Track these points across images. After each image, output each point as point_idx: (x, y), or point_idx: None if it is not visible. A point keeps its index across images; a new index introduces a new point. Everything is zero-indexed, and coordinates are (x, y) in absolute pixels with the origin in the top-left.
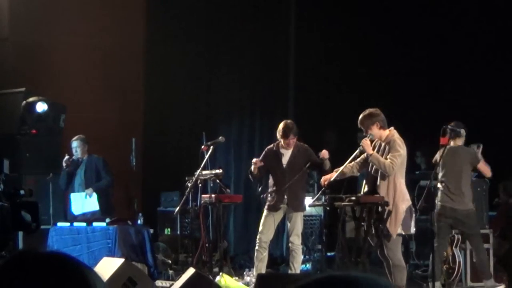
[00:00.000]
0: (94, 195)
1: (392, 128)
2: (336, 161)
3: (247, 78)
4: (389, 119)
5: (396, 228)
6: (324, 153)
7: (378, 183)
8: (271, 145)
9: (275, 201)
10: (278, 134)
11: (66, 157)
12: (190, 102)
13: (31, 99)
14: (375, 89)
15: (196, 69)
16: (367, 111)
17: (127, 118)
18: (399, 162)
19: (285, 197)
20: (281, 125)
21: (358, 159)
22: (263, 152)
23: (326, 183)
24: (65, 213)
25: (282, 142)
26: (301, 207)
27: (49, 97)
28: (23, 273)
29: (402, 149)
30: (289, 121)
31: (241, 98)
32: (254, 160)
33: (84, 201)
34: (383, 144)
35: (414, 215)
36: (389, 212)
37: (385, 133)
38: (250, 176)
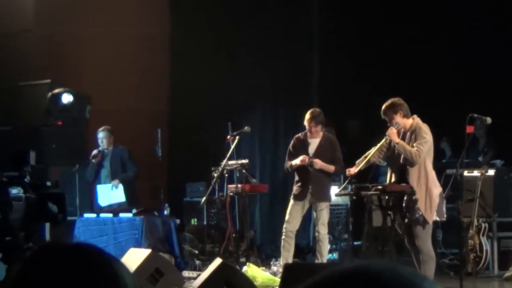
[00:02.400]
0: (120, 186)
1: (415, 115)
2: (361, 150)
3: (271, 67)
4: (413, 107)
5: (432, 214)
6: (317, 162)
7: (408, 170)
8: (299, 134)
9: (301, 191)
10: (305, 120)
11: (95, 151)
12: (215, 92)
13: (56, 91)
14: (401, 76)
15: (220, 59)
16: (389, 101)
17: (153, 109)
18: (426, 149)
19: (310, 187)
20: (308, 112)
21: (379, 146)
22: (292, 141)
23: (352, 172)
24: (91, 204)
25: (307, 129)
26: (327, 197)
27: (74, 88)
28: (50, 264)
29: (428, 135)
30: (317, 109)
31: (265, 87)
32: (306, 157)
33: (110, 193)
34: (408, 133)
35: (445, 201)
36: (416, 200)
37: (409, 121)
38: (287, 170)
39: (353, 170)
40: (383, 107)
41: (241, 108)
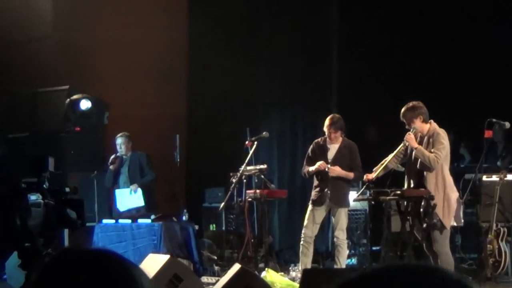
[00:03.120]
0: (139, 190)
1: (431, 121)
2: (380, 155)
3: (289, 71)
4: (432, 111)
5: (449, 219)
6: (333, 170)
7: (425, 175)
8: (319, 139)
9: (319, 196)
10: (324, 126)
11: (112, 157)
12: (233, 98)
13: (75, 97)
14: (420, 81)
15: (239, 64)
16: (410, 104)
17: (171, 115)
18: (444, 155)
19: (329, 192)
20: (328, 118)
21: (397, 152)
22: (311, 146)
23: (370, 178)
24: (110, 210)
25: (327, 135)
26: (345, 203)
27: (93, 94)
28: (69, 270)
29: (445, 140)
30: (336, 115)
31: (284, 93)
32: (324, 163)
33: (129, 197)
34: (425, 138)
35: (462, 206)
36: (435, 205)
37: (427, 126)
38: (305, 175)
39: (371, 176)
40: (404, 109)
41: (259, 113)
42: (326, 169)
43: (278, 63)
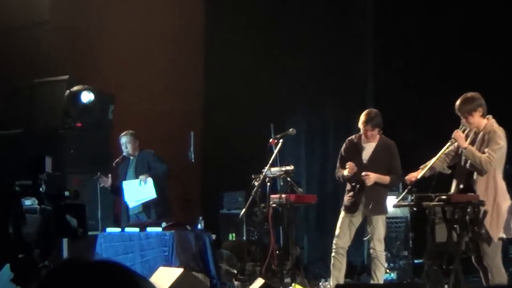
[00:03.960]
0: (150, 180)
1: (489, 116)
2: (421, 157)
3: (319, 62)
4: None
5: (498, 231)
6: (369, 178)
7: (474, 178)
8: (353, 136)
9: (353, 202)
10: (359, 122)
11: (118, 159)
12: (255, 90)
13: (75, 88)
14: (465, 76)
15: (260, 54)
16: (467, 95)
17: (185, 110)
18: (498, 157)
19: (364, 197)
20: (363, 113)
21: (447, 151)
22: (344, 144)
23: (412, 180)
24: (115, 217)
25: (362, 132)
26: (382, 209)
27: (96, 86)
28: (69, 285)
29: (502, 141)
30: (373, 110)
31: (313, 85)
32: (351, 164)
33: (138, 189)
34: (480, 134)
35: None
36: (485, 213)
37: (484, 121)
38: (338, 178)
39: (414, 176)
40: (459, 101)
41: (285, 107)
42: (362, 177)
43: (306, 52)
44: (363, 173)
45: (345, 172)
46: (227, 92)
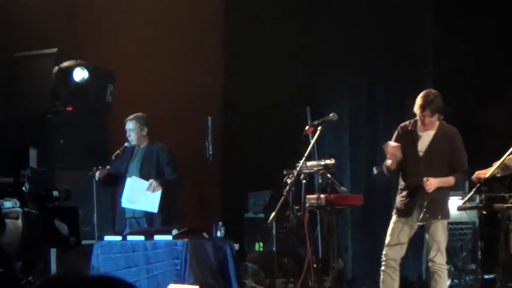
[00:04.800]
0: (159, 193)
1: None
2: (492, 152)
3: (366, 34)
4: None
5: None
6: (430, 184)
7: None
8: (407, 122)
9: (408, 203)
10: (415, 106)
11: (119, 151)
12: (287, 66)
13: (65, 64)
14: None
15: (294, 21)
16: (434, 92)
17: (200, 91)
18: None
19: (421, 198)
20: (420, 95)
21: None
22: (396, 131)
23: (480, 177)
24: (114, 222)
25: (418, 118)
26: (444, 213)
27: (91, 61)
28: None
29: None
30: (432, 91)
31: (358, 61)
32: (390, 145)
33: (142, 194)
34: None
35: None
36: None
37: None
38: (385, 171)
39: (482, 173)
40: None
41: (324, 87)
42: (423, 182)
43: (348, 19)
44: (424, 179)
45: (387, 162)
46: (251, 69)
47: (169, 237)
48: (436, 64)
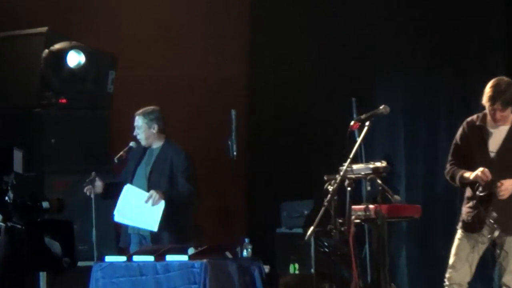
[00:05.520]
0: (162, 205)
1: None
2: None
3: (423, 12)
4: None
5: None
6: (505, 189)
7: None
8: (474, 116)
9: (476, 215)
10: (484, 98)
11: (123, 152)
12: (327, 49)
13: (57, 46)
14: None
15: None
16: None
17: (222, 78)
18: None
19: (493, 210)
20: (489, 84)
21: None
22: (461, 128)
23: None
24: (118, 238)
25: (488, 112)
26: None
27: (89, 42)
28: None
29: None
30: (505, 79)
31: (414, 43)
32: (482, 172)
33: (140, 208)
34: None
35: None
36: None
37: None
38: (452, 180)
39: None
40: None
41: (373, 75)
42: (496, 187)
43: None
44: (498, 183)
45: (466, 174)
46: (283, 52)
47: (184, 257)
48: (509, 48)
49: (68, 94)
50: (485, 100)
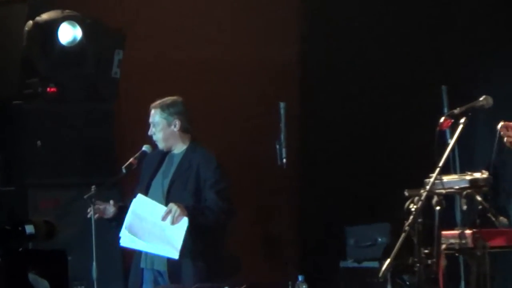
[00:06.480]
0: (185, 223)
1: None
2: None
3: None
4: None
5: None
6: None
7: None
8: None
9: None
10: None
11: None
12: (405, 30)
13: (45, 17)
14: None
15: None
16: None
17: (266, 62)
18: None
19: None
20: None
21: None
22: None
23: None
24: (126, 275)
25: None
26: None
27: (87, 13)
28: None
29: None
30: None
31: None
32: None
33: (156, 226)
34: None
35: None
36: None
37: None
38: None
39: None
40: None
41: (471, 57)
42: None
43: None
44: None
45: None
46: (346, 31)
47: None
48: None
49: (60, 81)
50: None
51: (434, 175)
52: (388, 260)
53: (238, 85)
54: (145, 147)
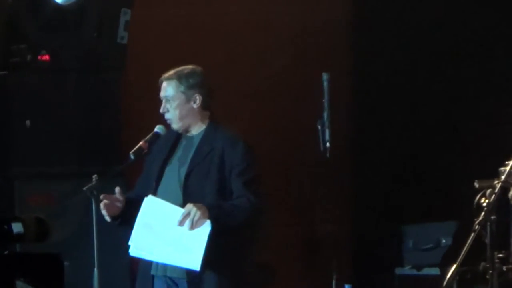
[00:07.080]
0: (207, 229)
1: None
2: None
3: None
4: None
5: None
6: None
7: None
8: None
9: None
10: None
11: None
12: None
13: None
14: None
15: None
16: None
17: (308, 23)
18: None
19: None
20: None
21: None
22: None
23: None
24: (134, 282)
25: None
26: None
27: None
28: None
29: None
30: None
31: None
32: None
33: (172, 232)
34: None
35: None
36: None
37: None
38: None
39: None
40: None
41: None
42: None
43: None
44: None
45: None
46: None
47: None
48: None
49: (53, 47)
50: None
51: (507, 169)
52: (454, 266)
53: (270, 51)
54: (158, 128)
